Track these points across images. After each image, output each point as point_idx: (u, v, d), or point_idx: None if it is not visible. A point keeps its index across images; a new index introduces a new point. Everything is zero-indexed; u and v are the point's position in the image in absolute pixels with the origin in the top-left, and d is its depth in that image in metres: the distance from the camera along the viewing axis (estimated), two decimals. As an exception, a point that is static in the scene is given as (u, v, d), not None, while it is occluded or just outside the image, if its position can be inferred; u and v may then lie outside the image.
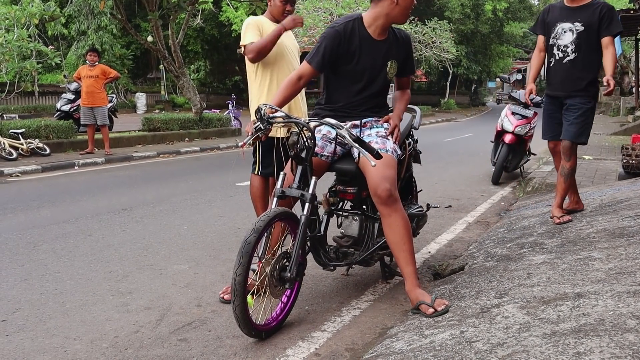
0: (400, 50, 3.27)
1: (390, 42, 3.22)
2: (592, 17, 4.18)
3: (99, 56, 10.74)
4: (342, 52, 3.12)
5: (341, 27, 3.11)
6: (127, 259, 4.24)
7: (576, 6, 4.27)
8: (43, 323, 3.08)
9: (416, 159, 3.87)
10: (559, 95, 4.36)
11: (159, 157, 11.14)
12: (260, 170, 3.78)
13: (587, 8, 4.23)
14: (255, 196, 3.89)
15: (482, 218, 5.75)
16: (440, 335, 2.52)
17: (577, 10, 4.26)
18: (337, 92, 3.27)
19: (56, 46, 24.00)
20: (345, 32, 3.11)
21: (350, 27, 3.12)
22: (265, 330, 2.86)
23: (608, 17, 4.16)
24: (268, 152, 3.76)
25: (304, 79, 3.17)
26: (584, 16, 4.21)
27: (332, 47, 3.09)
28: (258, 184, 3.86)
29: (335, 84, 3.27)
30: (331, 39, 3.10)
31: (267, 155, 3.74)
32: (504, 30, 37.08)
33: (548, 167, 8.83)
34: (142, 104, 24.24)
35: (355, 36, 3.12)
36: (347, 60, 3.15)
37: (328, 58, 3.11)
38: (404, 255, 3.02)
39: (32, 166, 9.02)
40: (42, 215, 5.68)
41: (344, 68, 3.18)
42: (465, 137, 16.55)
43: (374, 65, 3.19)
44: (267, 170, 3.77)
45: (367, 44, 3.14)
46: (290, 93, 3.16)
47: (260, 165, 3.76)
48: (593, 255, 3.28)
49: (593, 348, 2.01)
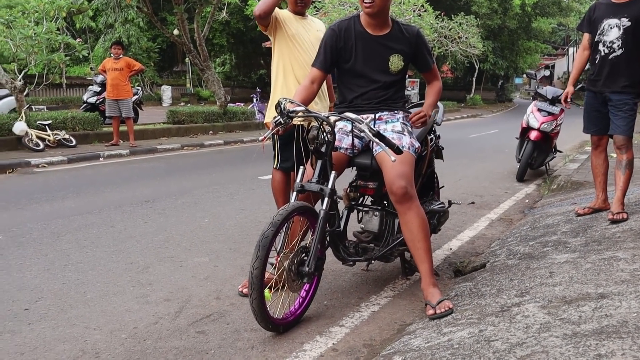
0: (405, 45, 3.24)
1: (393, 36, 3.22)
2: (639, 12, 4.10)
3: (123, 49, 10.85)
4: (341, 50, 3.21)
5: (336, 26, 3.23)
6: (148, 250, 4.28)
7: (622, 2, 4.21)
8: (64, 312, 3.12)
9: (438, 154, 3.83)
10: (603, 91, 4.29)
11: (183, 150, 11.22)
12: (279, 164, 3.78)
13: (633, 4, 4.16)
14: (276, 190, 3.89)
15: (505, 215, 5.68)
16: (458, 333, 2.49)
17: (623, 6, 4.20)
18: (346, 89, 3.32)
19: (84, 39, 24.29)
20: (340, 30, 3.21)
21: (346, 26, 3.22)
22: (283, 324, 2.86)
23: None
24: (286, 145, 3.73)
25: (316, 82, 3.24)
26: (631, 11, 4.15)
27: (330, 46, 3.19)
28: (279, 179, 3.85)
29: (344, 81, 3.32)
30: (329, 38, 3.21)
31: (286, 149, 3.72)
32: (532, 26, 36.48)
33: (574, 164, 8.68)
34: (167, 97, 24.44)
35: (351, 34, 3.20)
36: (346, 58, 3.22)
37: (330, 58, 3.21)
38: (419, 253, 3.00)
39: (58, 157, 9.15)
40: (67, 206, 5.75)
41: (344, 66, 3.25)
42: (490, 134, 16.37)
43: (373, 59, 3.21)
44: (285, 165, 3.74)
45: (363, 40, 3.20)
46: (305, 97, 3.18)
47: (279, 159, 3.76)
48: (618, 255, 3.21)
49: (615, 350, 1.97)
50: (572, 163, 8.94)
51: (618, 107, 4.22)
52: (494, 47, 32.93)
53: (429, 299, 2.92)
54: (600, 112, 4.37)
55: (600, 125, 4.39)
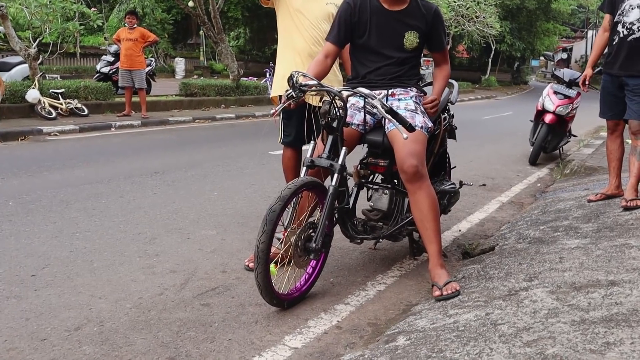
0: (422, 22, 3.16)
1: (410, 12, 3.13)
2: None
3: (137, 19, 10.78)
4: (355, 24, 3.13)
5: (351, 0, 3.13)
6: (156, 221, 4.28)
7: None
8: (70, 280, 3.13)
9: (451, 134, 3.77)
10: (620, 74, 4.19)
11: (194, 122, 11.20)
12: (282, 139, 3.79)
13: None
14: (285, 167, 3.87)
15: (516, 198, 5.62)
16: (465, 315, 2.46)
17: None
18: (359, 64, 3.26)
19: (99, 8, 24.20)
20: (355, 4, 3.12)
21: (359, 2, 3.12)
22: (288, 300, 2.85)
23: None
24: (288, 120, 3.76)
25: (330, 57, 3.18)
26: None
27: (344, 20, 3.12)
28: (288, 155, 3.83)
29: (358, 56, 3.26)
30: (343, 12, 3.14)
31: (288, 124, 3.74)
32: (552, 7, 35.87)
33: (588, 149, 8.57)
34: (180, 69, 24.38)
35: (366, 8, 3.11)
36: (361, 33, 3.15)
37: (344, 32, 3.14)
38: (428, 234, 2.97)
39: (70, 126, 9.16)
40: (77, 175, 5.76)
41: (358, 41, 3.18)
42: (504, 116, 16.20)
43: (387, 35, 3.14)
44: (287, 140, 3.78)
45: (378, 15, 3.11)
46: (319, 71, 3.13)
47: (282, 134, 3.78)
48: (630, 242, 3.16)
49: (624, 339, 1.93)
50: (586, 148, 8.83)
51: (634, 92, 4.12)
52: (511, 28, 32.46)
53: (436, 280, 2.89)
54: (617, 96, 4.28)
55: (617, 110, 4.30)
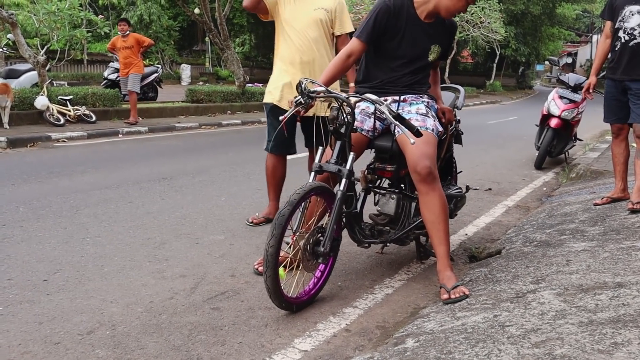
0: (445, 36, 3.26)
1: (437, 26, 3.19)
2: None
3: (129, 25, 10.79)
4: (389, 28, 3.10)
5: (391, 2, 3.08)
6: (165, 226, 4.32)
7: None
8: (82, 285, 3.17)
9: (457, 139, 3.81)
10: (623, 79, 4.22)
11: (200, 129, 11.25)
12: (269, 146, 4.00)
13: None
14: (269, 174, 4.17)
15: (522, 202, 5.64)
16: (472, 318, 2.49)
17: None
18: (376, 68, 3.25)
19: (106, 15, 24.36)
20: (395, 6, 3.08)
21: (400, 3, 3.09)
22: (297, 303, 2.87)
23: None
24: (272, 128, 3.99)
25: (354, 56, 3.15)
26: None
27: (381, 20, 3.07)
28: (274, 163, 4.10)
29: (375, 60, 3.24)
30: (381, 12, 3.08)
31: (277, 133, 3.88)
32: (556, 12, 35.87)
33: (594, 153, 8.57)
34: (186, 76, 24.48)
35: (404, 13, 3.10)
36: (391, 37, 3.12)
37: (377, 33, 3.10)
38: (439, 235, 2.99)
39: (78, 132, 9.23)
40: (86, 181, 5.81)
41: (387, 44, 3.15)
42: (509, 120, 16.20)
43: (417, 45, 3.16)
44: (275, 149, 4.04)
45: (413, 24, 3.11)
46: (338, 71, 3.16)
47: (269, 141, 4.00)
48: (637, 245, 3.18)
49: (631, 339, 1.95)
50: (592, 152, 8.83)
51: (637, 96, 4.15)
52: (516, 33, 32.45)
53: (445, 283, 2.92)
54: (620, 100, 4.31)
55: (620, 114, 4.33)
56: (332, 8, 4.01)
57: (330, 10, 4.00)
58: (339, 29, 4.08)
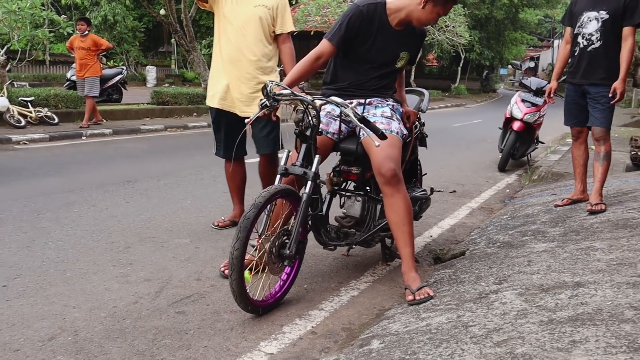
0: (414, 44, 3.31)
1: (407, 33, 3.23)
2: (617, 5, 4.14)
3: (89, 25, 10.41)
4: (361, 32, 3.12)
5: (364, 7, 3.11)
6: (129, 230, 4.26)
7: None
8: (43, 290, 3.11)
9: (422, 142, 3.85)
10: (582, 83, 4.33)
11: (166, 131, 11.14)
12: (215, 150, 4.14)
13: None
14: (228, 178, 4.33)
15: (486, 204, 5.73)
16: (437, 318, 2.52)
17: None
18: (344, 71, 3.27)
19: (69, 15, 23.85)
20: (368, 12, 3.11)
21: (373, 9, 3.12)
22: (263, 306, 2.87)
23: (633, 6, 4.12)
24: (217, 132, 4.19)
25: (323, 58, 3.15)
26: (609, 4, 4.18)
27: (354, 25, 3.09)
28: (230, 167, 4.16)
29: (344, 62, 3.25)
30: (354, 17, 3.09)
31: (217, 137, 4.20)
32: (519, 17, 36.59)
33: (555, 156, 8.77)
34: (152, 77, 24.17)
35: (376, 19, 3.13)
36: (362, 41, 3.15)
37: (348, 36, 3.11)
38: (403, 237, 3.02)
39: (40, 134, 9.04)
40: (48, 184, 5.70)
41: (357, 48, 3.18)
42: (474, 123, 16.45)
43: (387, 52, 3.20)
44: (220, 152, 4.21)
45: (384, 30, 3.15)
46: (306, 72, 3.16)
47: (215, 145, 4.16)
48: (595, 245, 3.26)
49: (589, 337, 2.01)
50: (553, 154, 9.04)
51: (596, 100, 4.26)
52: (480, 37, 32.97)
53: (409, 284, 2.94)
54: (580, 104, 4.42)
55: (580, 117, 4.45)
56: (273, 5, 3.87)
57: (272, 8, 3.87)
58: (280, 28, 3.94)
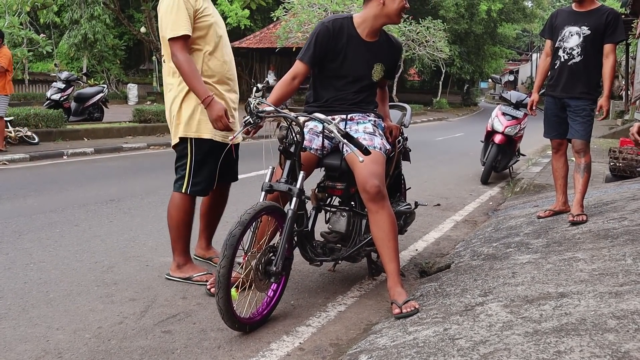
0: (390, 56, 3.34)
1: (381, 45, 3.27)
2: (599, 22, 4.25)
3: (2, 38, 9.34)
4: (330, 49, 3.17)
5: (330, 23, 3.17)
6: (113, 250, 4.23)
7: (584, 11, 4.35)
8: (26, 312, 3.07)
9: (406, 156, 3.88)
10: (562, 96, 4.41)
11: (149, 149, 11.09)
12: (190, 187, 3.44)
13: (594, 13, 4.30)
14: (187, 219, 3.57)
15: (470, 217, 5.77)
16: (424, 332, 2.53)
17: (584, 15, 4.33)
18: (322, 88, 3.32)
19: (48, 34, 23.82)
20: (334, 28, 3.16)
21: (339, 25, 3.17)
22: (250, 323, 2.86)
23: (614, 24, 4.24)
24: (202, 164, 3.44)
25: (298, 78, 3.21)
26: (591, 21, 4.28)
27: (321, 42, 3.14)
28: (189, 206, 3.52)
29: (321, 80, 3.31)
30: (321, 34, 3.15)
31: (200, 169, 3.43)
32: (498, 31, 37.16)
33: (537, 168, 8.88)
34: (133, 95, 24.08)
35: (344, 34, 3.17)
36: (333, 57, 3.20)
37: (318, 54, 3.16)
38: (388, 252, 3.03)
39: (19, 154, 8.94)
40: (29, 204, 5.64)
41: (330, 65, 3.23)
42: (456, 137, 16.59)
43: (360, 65, 3.23)
44: (196, 188, 3.45)
45: (354, 44, 3.19)
46: (285, 93, 3.22)
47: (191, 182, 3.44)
48: (577, 255, 3.30)
49: (573, 347, 2.03)
50: (534, 166, 9.14)
51: (576, 113, 4.34)
52: (460, 52, 33.40)
53: (396, 298, 2.95)
54: (560, 117, 4.50)
55: (560, 130, 4.52)
56: None
57: None
58: None
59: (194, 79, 3.22)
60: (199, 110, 3.36)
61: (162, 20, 3.29)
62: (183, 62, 3.21)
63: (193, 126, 3.39)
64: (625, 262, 2.99)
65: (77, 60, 25.12)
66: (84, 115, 13.30)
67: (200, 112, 3.37)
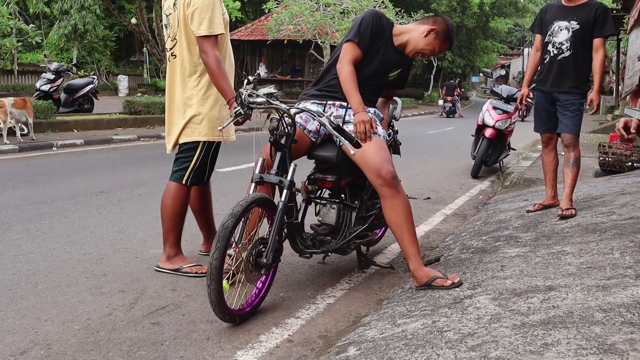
0: (406, 64, 3.48)
1: (402, 55, 3.40)
2: (588, 16, 4.27)
3: None
4: (372, 42, 3.26)
5: (385, 19, 3.32)
6: (102, 241, 4.21)
7: (573, 5, 4.36)
8: (14, 304, 3.05)
9: (396, 150, 3.89)
10: (552, 90, 4.43)
11: (139, 141, 11.05)
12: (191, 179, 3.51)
13: (583, 7, 4.32)
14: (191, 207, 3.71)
15: (460, 211, 5.80)
16: (412, 324, 2.54)
17: (574, 10, 4.34)
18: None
19: (37, 25, 23.60)
20: (383, 23, 3.30)
21: (385, 24, 3.31)
22: (240, 315, 2.86)
23: (603, 18, 4.25)
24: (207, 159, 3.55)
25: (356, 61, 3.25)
26: (580, 15, 4.30)
27: (371, 31, 3.23)
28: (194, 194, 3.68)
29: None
30: (375, 23, 3.25)
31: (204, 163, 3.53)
32: (490, 26, 37.20)
33: (527, 162, 8.92)
34: (124, 87, 23.96)
35: (385, 34, 3.29)
36: (369, 49, 3.26)
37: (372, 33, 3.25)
38: (408, 237, 3.07)
39: (9, 146, 8.88)
40: (17, 196, 5.61)
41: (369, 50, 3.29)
42: (447, 131, 16.64)
43: (385, 67, 3.34)
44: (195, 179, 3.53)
45: (387, 45, 3.31)
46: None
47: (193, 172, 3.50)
48: (566, 249, 3.32)
49: (560, 339, 2.04)
50: (524, 161, 9.18)
51: (565, 107, 4.36)
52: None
53: (435, 275, 3.04)
54: (549, 111, 4.52)
55: (550, 124, 4.54)
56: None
57: None
58: None
59: (223, 77, 3.25)
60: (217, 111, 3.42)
61: (196, 16, 3.22)
62: (216, 60, 3.22)
63: (215, 130, 3.40)
64: (612, 255, 3.01)
65: (67, 51, 24.96)
66: (74, 106, 13.23)
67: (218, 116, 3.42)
